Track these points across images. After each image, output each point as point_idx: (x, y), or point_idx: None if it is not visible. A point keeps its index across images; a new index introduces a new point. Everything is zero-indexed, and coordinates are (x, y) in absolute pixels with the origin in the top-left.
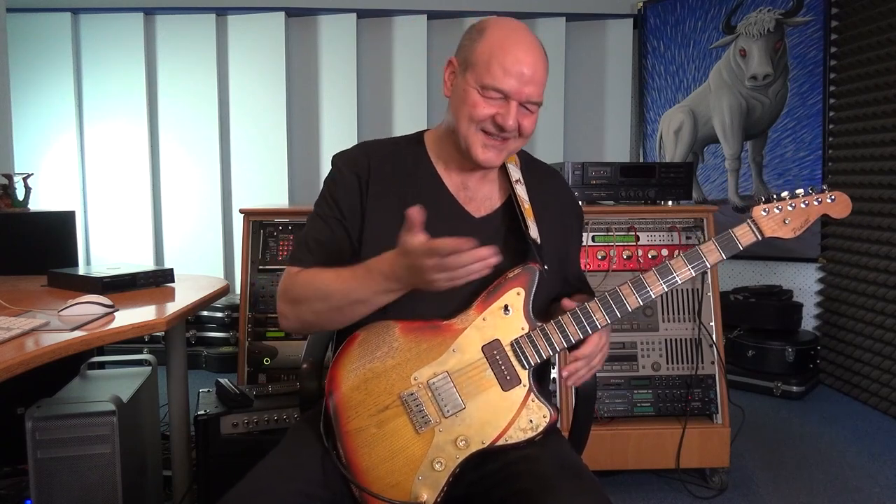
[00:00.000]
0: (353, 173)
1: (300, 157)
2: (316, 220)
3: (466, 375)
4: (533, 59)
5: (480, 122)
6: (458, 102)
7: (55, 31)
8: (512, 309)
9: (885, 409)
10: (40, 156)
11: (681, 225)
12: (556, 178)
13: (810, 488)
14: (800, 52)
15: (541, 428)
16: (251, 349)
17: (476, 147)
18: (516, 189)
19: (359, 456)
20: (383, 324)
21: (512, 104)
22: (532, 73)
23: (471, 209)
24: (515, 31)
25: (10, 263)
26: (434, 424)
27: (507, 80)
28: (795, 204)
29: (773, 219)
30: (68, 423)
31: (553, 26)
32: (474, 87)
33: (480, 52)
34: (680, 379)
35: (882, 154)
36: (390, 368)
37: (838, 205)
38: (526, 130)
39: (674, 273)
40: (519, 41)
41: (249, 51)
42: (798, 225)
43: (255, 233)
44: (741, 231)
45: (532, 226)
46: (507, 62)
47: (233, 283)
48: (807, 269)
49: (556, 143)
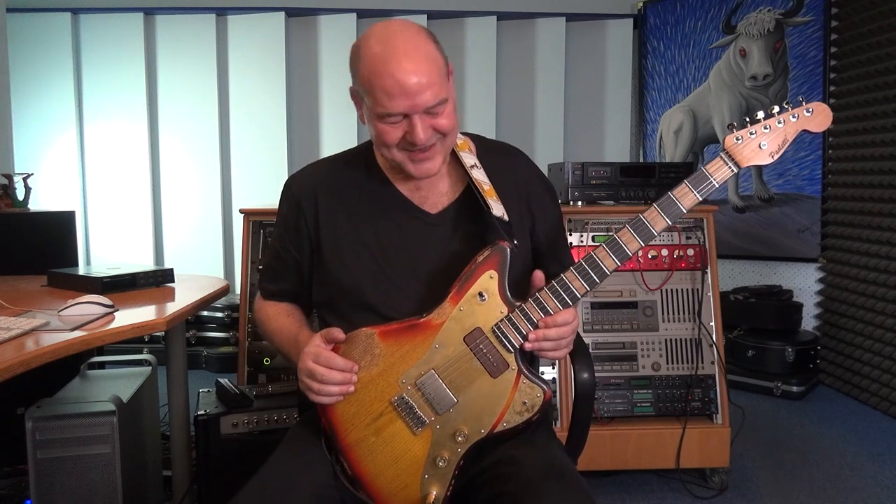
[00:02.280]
0: (305, 197)
1: (300, 157)
2: (273, 249)
3: (453, 369)
4: (412, 66)
5: (395, 146)
6: (371, 131)
7: (55, 31)
8: (487, 294)
9: (885, 409)
10: (40, 156)
11: (681, 225)
12: (515, 156)
13: (810, 488)
14: (800, 52)
15: (536, 407)
16: (251, 349)
17: (407, 165)
18: (473, 174)
19: (363, 466)
20: (362, 332)
21: (414, 119)
22: (417, 82)
23: (427, 207)
24: (385, 42)
25: (10, 263)
26: (430, 423)
27: (394, 103)
28: (770, 125)
29: (748, 145)
30: (68, 423)
31: (553, 26)
32: (374, 116)
33: (362, 79)
34: (680, 379)
35: (882, 154)
36: (377, 376)
37: (817, 117)
38: (445, 128)
39: (648, 225)
40: (390, 55)
41: (249, 51)
42: (775, 148)
43: (255, 233)
44: (714, 167)
45: (495, 204)
46: (387, 84)
47: (233, 283)
48: (807, 269)
49: (556, 143)
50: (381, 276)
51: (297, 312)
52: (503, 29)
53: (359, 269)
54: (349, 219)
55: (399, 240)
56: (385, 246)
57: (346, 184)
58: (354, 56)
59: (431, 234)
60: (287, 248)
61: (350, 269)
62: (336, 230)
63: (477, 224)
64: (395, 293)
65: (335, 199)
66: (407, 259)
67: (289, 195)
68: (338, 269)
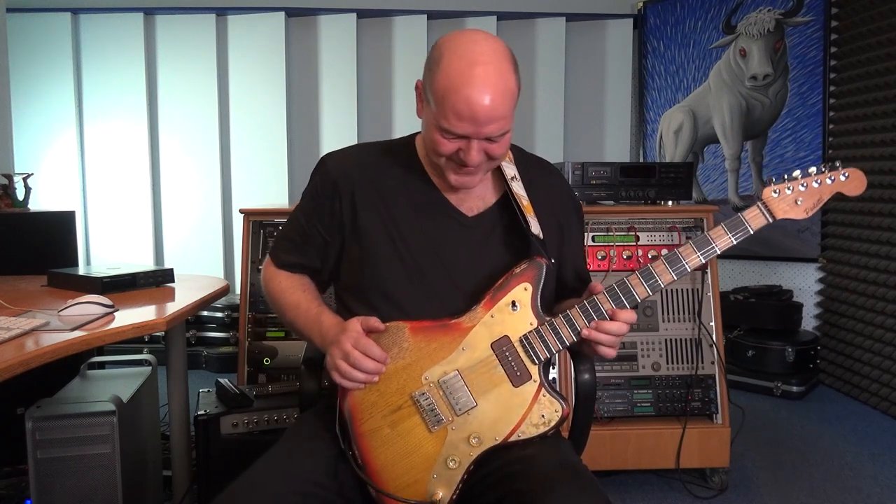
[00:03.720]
0: (343, 179)
1: (300, 157)
2: (296, 221)
3: (477, 373)
4: (490, 95)
5: (445, 156)
6: (425, 132)
7: (55, 31)
8: (520, 305)
9: (885, 409)
10: (40, 156)
11: (681, 225)
12: (552, 174)
13: (810, 488)
14: (800, 52)
15: (553, 422)
16: (251, 349)
17: (449, 174)
18: (513, 186)
19: (374, 456)
20: (394, 325)
21: (472, 143)
22: (489, 114)
23: (464, 209)
24: (470, 64)
25: (10, 263)
26: (447, 423)
27: (461, 126)
28: (807, 183)
29: (785, 200)
30: (68, 423)
31: (553, 26)
32: (434, 124)
33: (435, 88)
34: (680, 379)
35: (882, 154)
36: (401, 369)
37: (852, 181)
38: (498, 155)
39: (683, 261)
40: (472, 78)
41: (249, 51)
42: (811, 205)
43: (255, 233)
44: (751, 214)
45: (533, 222)
46: (460, 106)
47: (233, 283)
48: (807, 269)
49: (556, 143)
50: (411, 271)
51: (311, 288)
52: (503, 29)
53: (391, 262)
54: (387, 210)
55: (434, 238)
56: (419, 242)
57: (386, 174)
58: (435, 59)
59: (466, 236)
60: (314, 224)
61: (382, 260)
62: (373, 220)
63: (510, 232)
64: (422, 289)
65: (374, 187)
66: (439, 258)
67: (324, 172)
68: (370, 259)
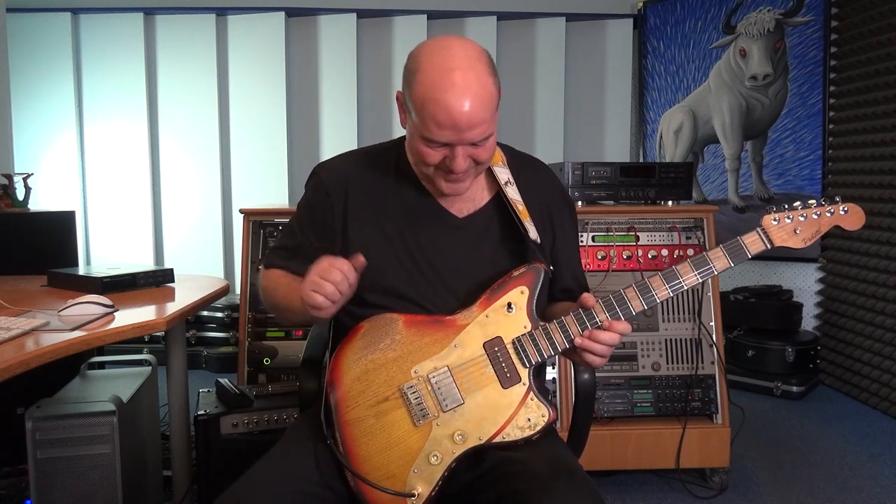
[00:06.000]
0: (334, 189)
1: (300, 157)
2: (291, 230)
3: (467, 371)
4: (468, 100)
5: (432, 166)
6: (410, 143)
7: (55, 31)
8: (515, 307)
9: (885, 409)
10: (40, 156)
11: (681, 225)
12: (543, 173)
13: (810, 488)
14: (800, 52)
15: (539, 427)
16: (251, 349)
17: (439, 183)
18: (507, 192)
19: (356, 446)
20: (387, 316)
21: (457, 150)
22: (469, 120)
23: (454, 210)
24: (445, 71)
25: (10, 263)
26: (432, 418)
27: (443, 134)
28: (807, 214)
29: (784, 228)
30: (68, 423)
31: (553, 26)
32: (417, 135)
33: (414, 99)
34: (680, 379)
35: (882, 154)
36: (391, 360)
37: (851, 217)
38: (484, 159)
39: (680, 279)
40: (448, 86)
41: (249, 51)
42: (809, 235)
43: (255, 233)
44: (750, 239)
45: (530, 227)
46: (440, 115)
47: (233, 283)
48: (807, 269)
49: (556, 143)
50: (405, 274)
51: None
52: (503, 29)
53: (384, 266)
54: (378, 217)
55: (425, 241)
56: (411, 246)
57: (376, 181)
58: (411, 70)
59: (457, 238)
60: (307, 233)
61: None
62: (365, 226)
63: (502, 233)
64: (415, 291)
65: (365, 195)
66: (431, 260)
67: (317, 182)
68: None
